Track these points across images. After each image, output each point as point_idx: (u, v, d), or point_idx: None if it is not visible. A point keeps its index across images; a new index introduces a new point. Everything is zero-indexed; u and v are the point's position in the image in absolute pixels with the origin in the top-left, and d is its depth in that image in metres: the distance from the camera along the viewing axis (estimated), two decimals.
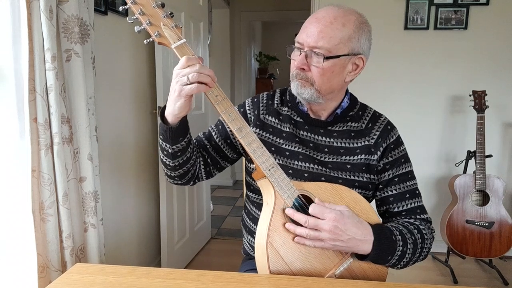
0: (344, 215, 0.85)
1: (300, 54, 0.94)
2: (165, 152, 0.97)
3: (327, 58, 0.91)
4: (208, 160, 1.09)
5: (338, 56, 0.92)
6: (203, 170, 1.08)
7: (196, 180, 1.09)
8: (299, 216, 0.85)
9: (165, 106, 0.92)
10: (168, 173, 1.03)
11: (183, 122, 0.93)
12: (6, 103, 1.22)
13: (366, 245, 0.87)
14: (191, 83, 0.83)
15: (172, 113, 0.89)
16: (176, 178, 1.04)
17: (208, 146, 1.09)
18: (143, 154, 2.17)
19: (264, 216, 0.89)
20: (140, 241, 2.18)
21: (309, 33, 0.92)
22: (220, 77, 4.04)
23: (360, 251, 0.88)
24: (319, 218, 0.84)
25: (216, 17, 4.12)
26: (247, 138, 0.88)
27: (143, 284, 0.80)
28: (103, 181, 1.73)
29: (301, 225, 0.86)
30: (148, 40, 0.89)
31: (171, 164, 0.99)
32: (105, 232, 1.62)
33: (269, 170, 0.88)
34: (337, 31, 0.91)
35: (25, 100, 1.19)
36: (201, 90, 0.84)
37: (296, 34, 1.05)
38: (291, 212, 0.86)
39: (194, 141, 1.06)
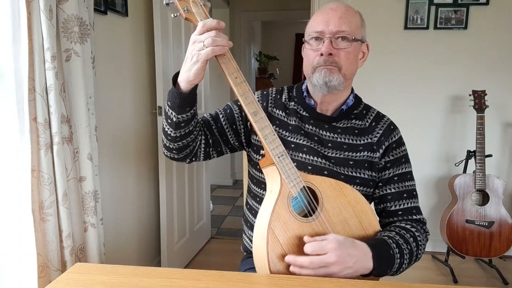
0: (341, 241, 0.83)
1: (323, 42, 0.96)
2: (169, 121, 0.97)
3: (353, 40, 0.97)
4: (210, 140, 1.09)
5: (357, 40, 0.98)
6: (202, 149, 1.08)
7: (194, 159, 1.08)
8: (301, 260, 0.82)
9: (177, 73, 0.93)
10: (167, 144, 1.02)
11: (193, 92, 0.94)
12: (6, 102, 1.22)
13: (368, 262, 0.86)
14: (206, 47, 0.85)
15: (186, 79, 0.90)
16: (174, 151, 1.03)
17: (213, 127, 1.10)
18: (143, 154, 2.17)
19: (268, 203, 0.89)
20: (140, 241, 2.18)
21: (329, 21, 0.96)
22: (220, 77, 4.03)
23: (365, 270, 0.87)
24: (319, 255, 0.82)
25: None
26: (261, 123, 0.89)
27: (143, 284, 0.79)
28: (103, 181, 1.73)
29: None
30: (175, 15, 0.90)
31: (172, 135, 0.98)
32: (105, 231, 1.62)
33: (278, 157, 0.88)
34: (353, 17, 0.98)
35: (25, 100, 1.19)
36: (217, 52, 0.87)
37: (296, 34, 1.05)
38: (292, 259, 0.83)
39: (200, 119, 1.07)
